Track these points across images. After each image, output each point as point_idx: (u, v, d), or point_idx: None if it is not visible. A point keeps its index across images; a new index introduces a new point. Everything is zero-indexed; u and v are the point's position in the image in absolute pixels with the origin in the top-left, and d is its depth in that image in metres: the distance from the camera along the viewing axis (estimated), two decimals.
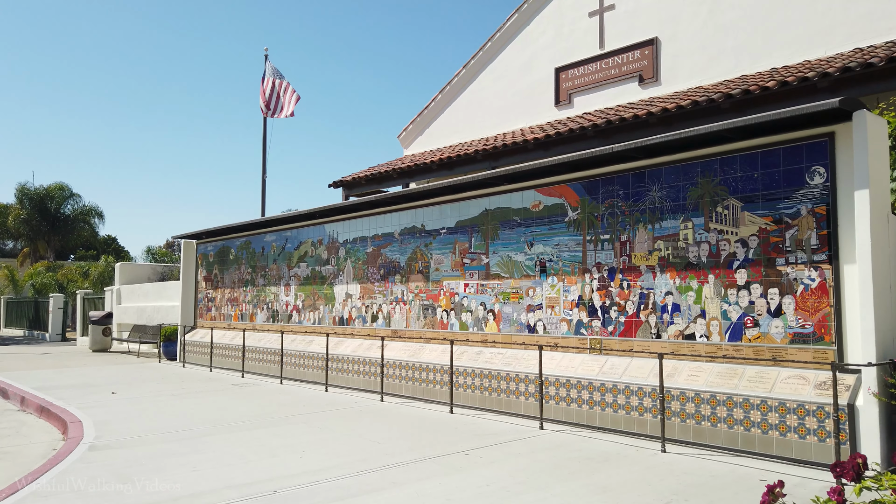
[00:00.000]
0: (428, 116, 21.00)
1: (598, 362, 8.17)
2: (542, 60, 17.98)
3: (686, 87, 14.86)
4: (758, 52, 13.65)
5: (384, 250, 11.76)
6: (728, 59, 14.22)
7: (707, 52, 14.57)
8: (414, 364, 10.39)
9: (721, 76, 14.26)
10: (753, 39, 13.73)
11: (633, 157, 7.98)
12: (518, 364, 8.97)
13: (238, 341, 14.84)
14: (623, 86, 16.20)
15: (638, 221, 8.01)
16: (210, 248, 17.21)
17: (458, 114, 20.12)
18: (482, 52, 19.50)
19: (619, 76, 16.25)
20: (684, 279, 7.52)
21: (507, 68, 18.86)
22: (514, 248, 9.50)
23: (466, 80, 19.97)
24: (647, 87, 15.70)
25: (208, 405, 10.06)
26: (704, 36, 14.61)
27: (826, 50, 12.86)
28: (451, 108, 20.45)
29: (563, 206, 8.90)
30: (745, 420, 6.60)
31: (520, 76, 18.53)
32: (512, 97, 18.50)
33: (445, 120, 20.50)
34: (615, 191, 8.29)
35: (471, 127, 19.53)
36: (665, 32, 15.28)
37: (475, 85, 19.82)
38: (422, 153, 20.13)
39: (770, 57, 13.60)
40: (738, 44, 14.03)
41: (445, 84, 20.47)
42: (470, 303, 10.06)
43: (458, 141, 19.67)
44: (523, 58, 18.54)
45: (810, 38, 13.04)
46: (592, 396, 7.94)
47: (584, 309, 8.52)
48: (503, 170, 9.33)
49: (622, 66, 16.36)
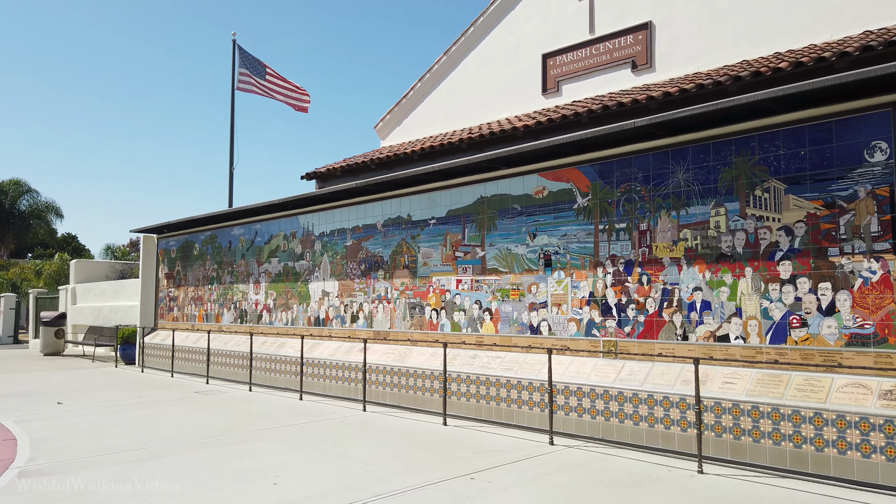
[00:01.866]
0: (406, 106, 19.96)
1: (613, 367, 7.22)
2: (529, 46, 17.07)
3: (683, 73, 14.05)
4: (759, 37, 12.90)
5: (365, 243, 10.68)
6: (727, 44, 13.44)
7: (704, 36, 13.79)
8: (400, 369, 9.35)
9: (720, 61, 13.47)
10: (754, 23, 12.97)
11: (655, 134, 7.05)
12: (520, 369, 7.98)
13: (202, 344, 13.62)
14: (615, 72, 15.34)
15: (660, 208, 7.08)
16: (172, 242, 15.93)
17: (438, 103, 19.12)
18: (464, 38, 18.52)
19: (611, 62, 15.39)
20: (716, 273, 6.60)
21: (491, 55, 17.91)
22: (514, 239, 8.51)
23: (447, 67, 18.97)
24: (640, 74, 14.86)
25: (168, 417, 8.89)
26: (701, 20, 13.82)
27: (832, 33, 12.15)
28: (430, 98, 19.44)
29: (571, 192, 7.94)
30: (795, 435, 5.69)
31: (504, 63, 17.59)
32: (496, 85, 17.56)
33: (425, 110, 19.48)
34: (633, 173, 7.34)
35: (452, 117, 18.55)
36: (659, 16, 14.46)
37: (457, 73, 18.83)
38: (400, 144, 19.08)
39: (772, 42, 12.86)
40: (737, 28, 13.26)
41: (425, 72, 19.45)
42: (463, 301, 9.05)
43: (439, 131, 18.66)
44: (508, 44, 17.62)
45: (814, 21, 12.33)
46: (609, 407, 6.98)
47: (596, 307, 7.56)
48: (502, 151, 8.33)
49: (614, 52, 15.51)
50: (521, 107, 17.01)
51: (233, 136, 21.53)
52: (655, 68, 14.63)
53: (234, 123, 21.66)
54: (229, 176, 21.01)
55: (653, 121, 6.70)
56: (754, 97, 5.91)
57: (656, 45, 14.72)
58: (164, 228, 15.82)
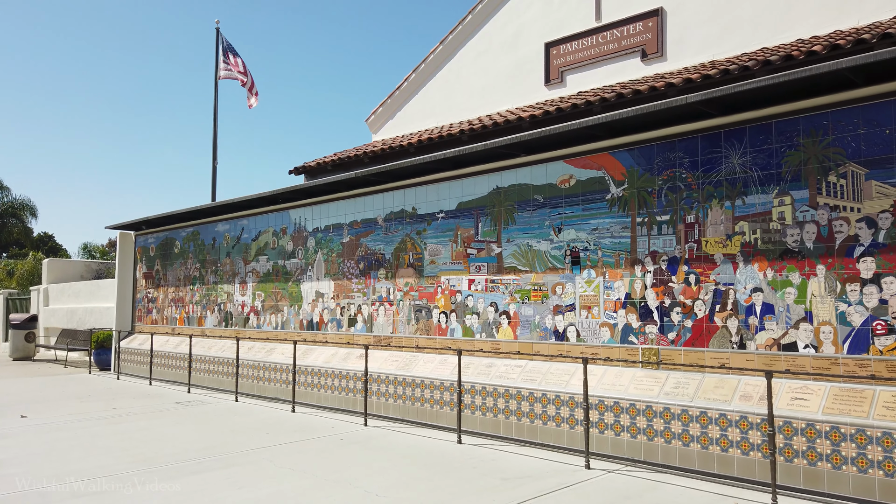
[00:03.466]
0: (399, 98, 19.02)
1: (655, 379, 6.33)
2: (531, 35, 16.20)
3: (696, 61, 13.24)
4: (778, 23, 12.13)
5: (365, 240, 9.73)
6: (744, 30, 12.65)
7: (720, 22, 12.99)
8: (405, 379, 8.40)
9: (737, 49, 12.67)
10: (773, 8, 12.19)
11: (705, 113, 6.18)
12: (545, 380, 7.07)
13: (184, 349, 12.58)
14: (623, 62, 14.49)
15: (710, 197, 6.20)
16: (151, 240, 14.85)
17: (433, 95, 18.19)
18: (461, 26, 17.62)
19: (619, 51, 14.54)
20: (780, 271, 5.74)
21: (490, 45, 17.03)
22: (535, 234, 7.61)
23: (443, 57, 18.06)
24: (650, 63, 14.04)
25: (144, 433, 7.87)
26: (716, 5, 13.02)
27: (859, 19, 11.39)
28: (425, 89, 18.51)
29: (603, 181, 7.05)
30: (887, 462, 4.84)
31: (505, 53, 16.71)
32: (496, 76, 16.67)
33: (419, 102, 18.55)
34: (677, 158, 6.46)
35: (448, 109, 17.63)
36: (671, 2, 13.65)
37: (453, 63, 17.93)
38: (394, 138, 18.13)
39: (793, 28, 12.08)
40: (755, 13, 12.47)
41: (419, 62, 18.53)
42: (476, 303, 8.13)
43: (435, 125, 17.73)
44: (508, 32, 16.74)
45: (839, 6, 11.57)
46: (652, 425, 6.09)
47: (633, 310, 6.68)
48: (523, 135, 7.42)
49: (622, 41, 14.68)
50: (523, 98, 16.14)
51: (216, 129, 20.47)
52: (667, 57, 13.81)
53: (217, 116, 20.60)
54: (212, 171, 19.96)
55: (707, 96, 5.81)
56: (836, 65, 5.04)
57: (667, 32, 13.91)
58: (143, 225, 14.74)
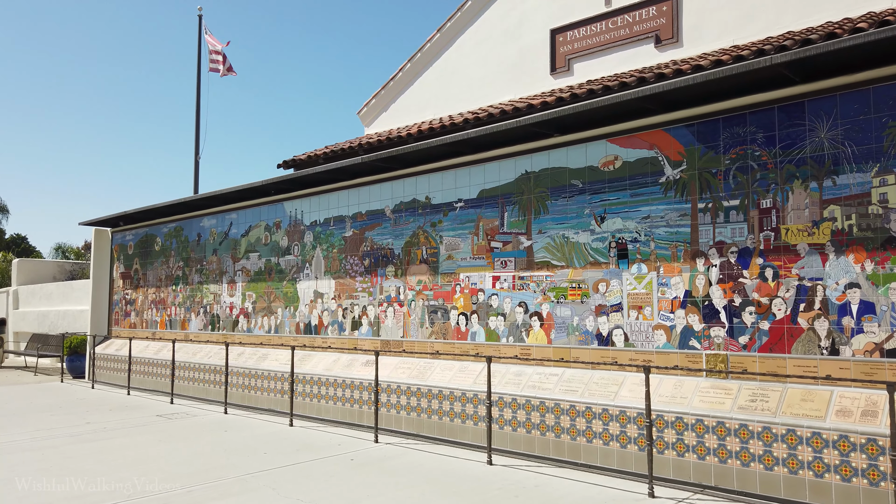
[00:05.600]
0: (394, 89, 18.07)
1: (725, 391, 5.44)
2: (535, 21, 15.33)
3: (716, 47, 12.44)
4: (804, 7, 11.39)
5: (370, 233, 8.75)
6: (767, 14, 11.88)
7: (741, 6, 12.21)
8: (420, 389, 7.44)
9: (761, 33, 11.89)
10: None
11: (785, 79, 5.30)
12: (588, 391, 6.15)
13: (166, 355, 11.50)
14: (635, 48, 13.66)
15: (792, 177, 5.33)
16: (129, 237, 13.73)
17: (430, 86, 17.26)
18: (460, 13, 16.71)
19: (630, 37, 13.71)
20: (882, 263, 4.87)
21: (491, 32, 16.13)
22: (572, 224, 6.69)
23: (440, 46, 17.14)
24: (665, 50, 13.22)
25: (120, 455, 6.82)
26: None
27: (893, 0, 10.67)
28: (421, 79, 17.57)
29: (656, 162, 6.15)
30: None
31: (507, 41, 15.82)
32: (497, 65, 15.77)
33: (415, 93, 17.60)
34: (749, 133, 5.58)
35: (446, 101, 16.69)
36: None
37: (452, 52, 17.00)
38: (388, 131, 17.16)
39: (820, 13, 11.33)
40: None
41: (416, 51, 17.59)
42: (502, 303, 7.19)
43: (432, 117, 16.80)
44: (511, 19, 15.86)
45: None
46: (725, 444, 5.19)
47: (695, 310, 5.78)
48: (560, 110, 6.50)
49: (633, 26, 13.84)
50: (527, 88, 15.25)
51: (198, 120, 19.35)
52: (683, 43, 13.00)
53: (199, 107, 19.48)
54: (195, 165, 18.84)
55: (800, 55, 4.92)
56: None
57: (683, 16, 13.10)
58: (121, 221, 13.62)
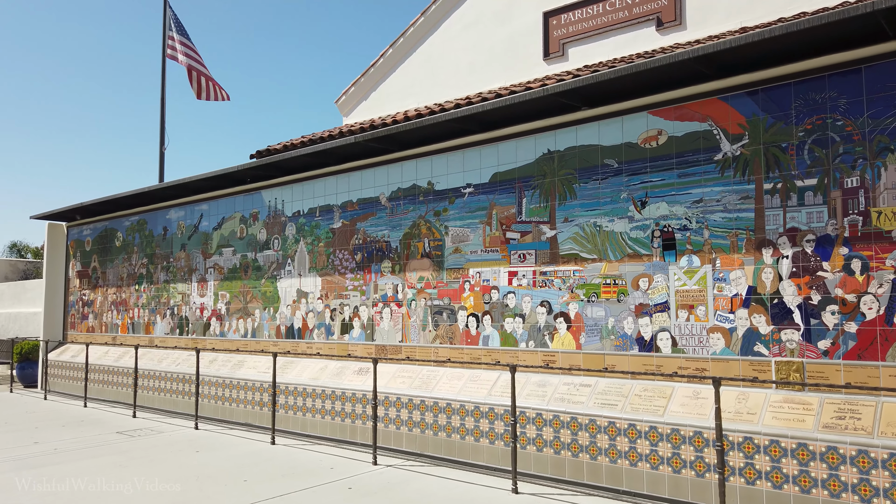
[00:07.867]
0: (375, 76, 17.05)
1: (804, 406, 4.58)
2: (526, 4, 14.48)
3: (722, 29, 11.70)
4: None
5: (363, 224, 7.75)
6: None
7: None
8: (424, 401, 6.47)
9: (771, 15, 11.17)
10: None
11: (879, 33, 4.46)
12: (629, 406, 5.24)
13: (127, 362, 10.33)
14: (635, 31, 12.86)
15: (885, 151, 4.49)
16: (87, 231, 12.48)
17: (413, 72, 16.29)
18: None
19: (629, 20, 12.91)
20: None
21: (480, 15, 15.24)
22: (606, 210, 5.79)
23: (425, 30, 16.18)
24: (667, 33, 12.44)
25: (73, 486, 5.72)
26: None
27: None
28: (404, 66, 16.59)
29: (710, 136, 5.27)
30: None
31: (497, 25, 14.93)
32: (487, 51, 14.88)
33: (397, 80, 16.61)
34: (829, 100, 4.73)
35: (431, 87, 15.73)
36: None
37: (437, 37, 16.06)
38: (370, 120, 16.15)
39: None
40: None
41: (398, 36, 16.61)
42: (520, 302, 6.26)
43: (416, 105, 15.83)
44: (501, 1, 15.02)
45: None
46: (807, 470, 4.33)
47: (761, 310, 4.91)
48: (595, 74, 5.59)
49: (633, 8, 13.05)
50: (519, 74, 14.35)
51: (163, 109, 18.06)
52: (686, 25, 12.23)
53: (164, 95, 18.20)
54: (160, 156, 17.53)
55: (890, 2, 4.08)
56: None
57: None
58: (77, 213, 12.37)
